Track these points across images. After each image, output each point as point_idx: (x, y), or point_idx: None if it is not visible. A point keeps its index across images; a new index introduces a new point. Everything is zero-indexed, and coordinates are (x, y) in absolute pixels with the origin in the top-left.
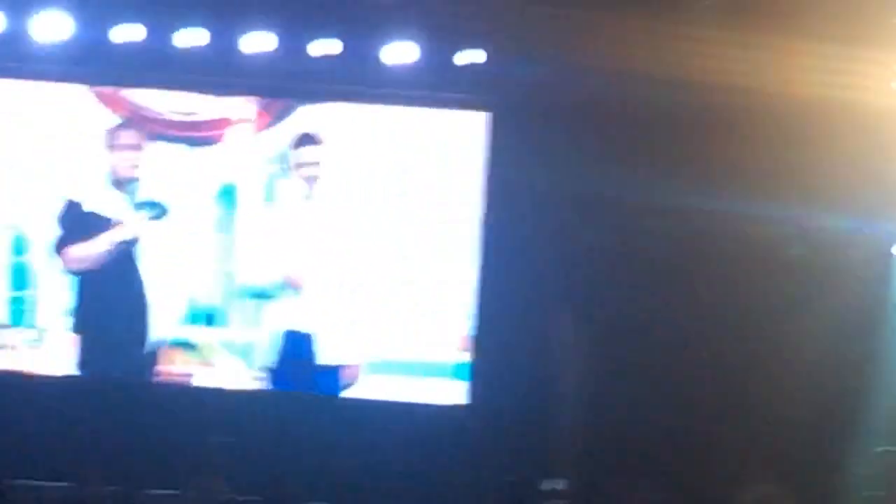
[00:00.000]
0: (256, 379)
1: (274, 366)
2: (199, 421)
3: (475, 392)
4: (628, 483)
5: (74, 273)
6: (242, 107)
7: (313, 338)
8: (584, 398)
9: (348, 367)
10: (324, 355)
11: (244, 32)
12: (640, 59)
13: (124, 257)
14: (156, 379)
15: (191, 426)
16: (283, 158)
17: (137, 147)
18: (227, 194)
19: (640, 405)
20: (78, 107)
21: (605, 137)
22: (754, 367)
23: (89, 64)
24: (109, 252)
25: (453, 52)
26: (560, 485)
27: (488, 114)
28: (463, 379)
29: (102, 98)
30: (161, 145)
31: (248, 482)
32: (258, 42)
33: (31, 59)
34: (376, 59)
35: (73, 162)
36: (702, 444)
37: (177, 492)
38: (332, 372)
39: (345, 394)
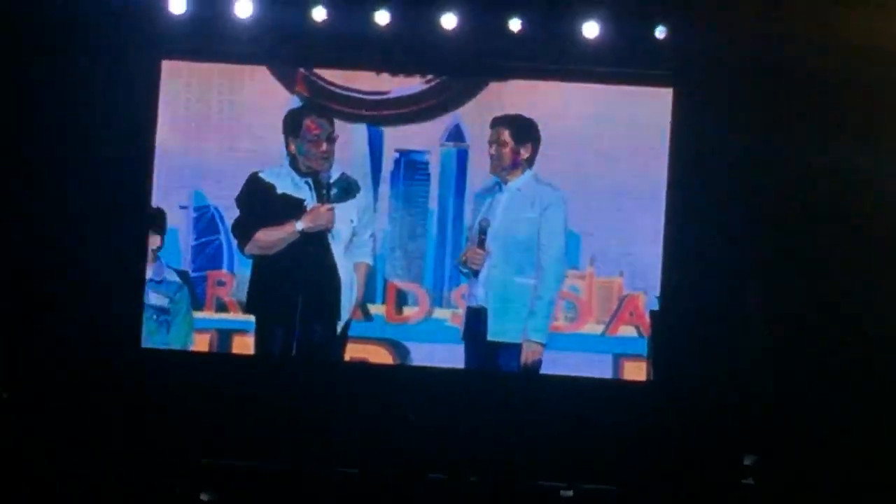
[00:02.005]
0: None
1: (462, 344)
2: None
3: (659, 368)
4: (816, 459)
5: (254, 257)
6: (428, 85)
7: (490, 315)
8: (772, 373)
9: (527, 346)
10: (500, 332)
11: (435, 10)
12: (824, 29)
13: (313, 240)
14: (345, 359)
15: (376, 405)
16: (467, 137)
17: (325, 137)
18: (414, 173)
19: (830, 380)
20: (259, 87)
21: (789, 108)
22: None
23: (277, 44)
24: (298, 240)
25: (638, 28)
26: (752, 460)
27: (673, 89)
28: (648, 355)
29: (284, 78)
30: (343, 125)
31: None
32: (448, 20)
33: (220, 40)
34: (562, 37)
35: (254, 143)
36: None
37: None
38: (512, 350)
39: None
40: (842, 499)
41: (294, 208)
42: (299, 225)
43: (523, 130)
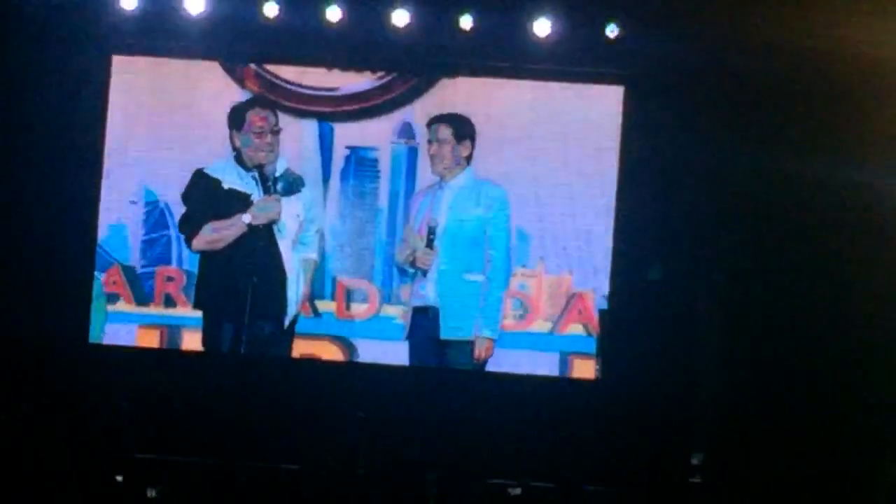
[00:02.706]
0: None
1: (408, 342)
2: (335, 396)
3: (606, 367)
4: (765, 457)
5: (201, 252)
6: (379, 81)
7: (441, 314)
8: (720, 373)
9: (479, 342)
10: (453, 331)
11: (386, 7)
12: (775, 32)
13: (260, 235)
14: (292, 355)
15: (325, 401)
16: (417, 134)
17: (269, 129)
18: (364, 170)
19: (778, 378)
20: (209, 82)
21: (740, 110)
22: None
23: (229, 40)
24: (244, 234)
25: (589, 26)
26: (700, 459)
27: (624, 88)
28: (594, 354)
29: (234, 74)
30: (292, 120)
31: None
32: (400, 17)
33: (170, 36)
34: (514, 35)
35: (203, 139)
36: (842, 419)
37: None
38: (464, 347)
39: (477, 369)
40: (789, 497)
41: (240, 202)
42: (246, 218)
43: (462, 128)
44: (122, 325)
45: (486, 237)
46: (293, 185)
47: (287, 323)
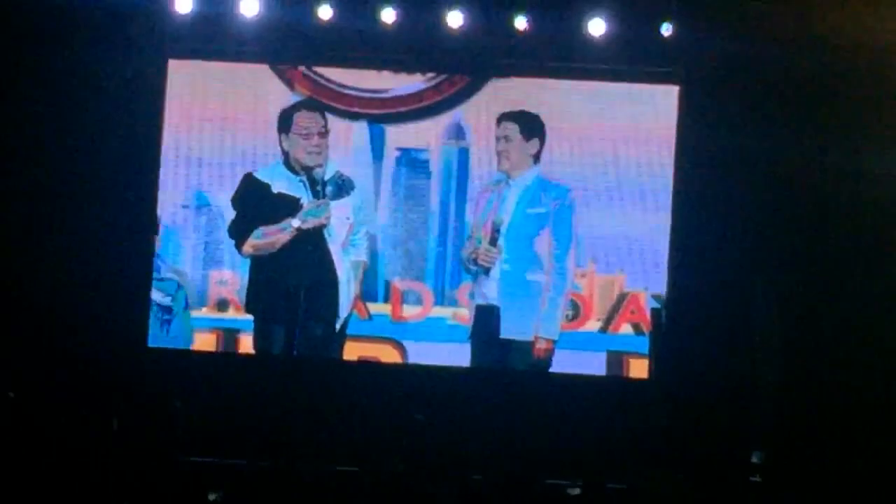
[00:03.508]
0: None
1: (470, 342)
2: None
3: (664, 365)
4: (826, 455)
5: (252, 257)
6: (430, 83)
7: (502, 313)
8: (780, 370)
9: (539, 343)
10: (513, 331)
11: (441, 8)
12: (832, 28)
13: (310, 238)
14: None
15: (382, 403)
16: (468, 135)
17: (316, 131)
18: (415, 171)
19: (839, 375)
20: (260, 85)
21: (796, 108)
22: None
23: (282, 43)
24: (294, 238)
25: (644, 25)
26: (760, 458)
27: (680, 87)
28: (649, 353)
29: (284, 77)
30: (342, 122)
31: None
32: (454, 18)
33: (225, 40)
34: (568, 35)
35: (254, 142)
36: None
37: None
38: (524, 347)
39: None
40: (849, 496)
41: (289, 206)
42: (295, 222)
43: (531, 126)
44: (178, 329)
45: (549, 236)
46: (343, 188)
47: (339, 325)
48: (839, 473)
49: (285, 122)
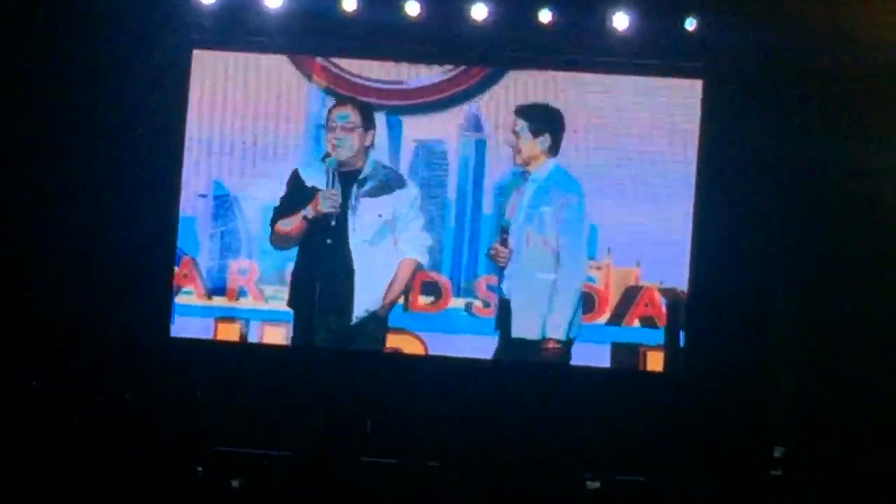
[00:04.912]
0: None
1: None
2: (413, 389)
3: (685, 360)
4: (848, 450)
5: (279, 249)
6: (448, 74)
7: (513, 312)
8: (802, 365)
9: (547, 343)
10: (523, 330)
11: (466, 1)
12: (856, 23)
13: (329, 230)
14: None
15: (403, 395)
16: (486, 127)
17: (340, 125)
18: (433, 163)
19: (860, 370)
20: (279, 76)
21: (820, 102)
22: None
23: (306, 35)
24: (309, 227)
25: (668, 19)
26: (782, 452)
27: (703, 81)
28: (664, 346)
29: (302, 68)
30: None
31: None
32: (479, 11)
33: (249, 30)
34: (592, 28)
35: (272, 132)
36: None
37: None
38: (533, 347)
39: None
40: (873, 490)
41: (311, 197)
42: (306, 212)
43: (544, 119)
44: (197, 319)
45: (559, 234)
46: (384, 184)
47: (354, 318)
48: (862, 467)
49: (327, 116)
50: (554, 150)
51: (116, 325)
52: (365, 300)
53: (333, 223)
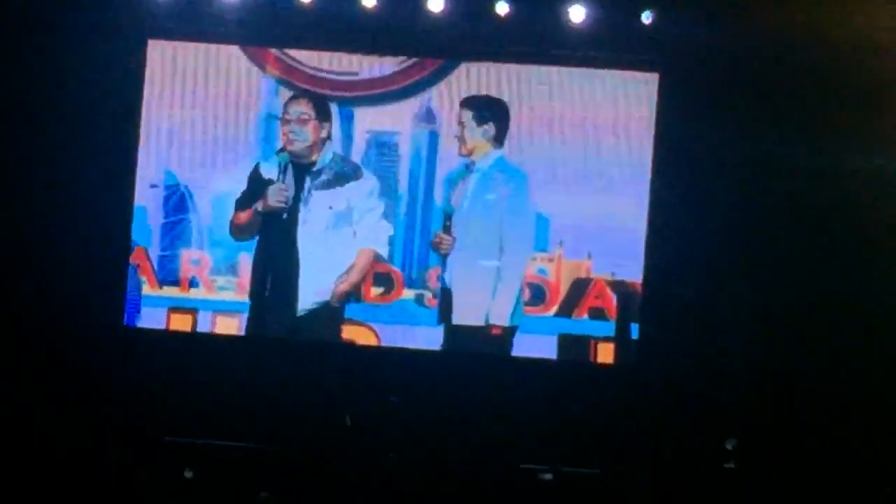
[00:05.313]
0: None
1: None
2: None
3: (637, 352)
4: (799, 442)
5: (238, 240)
6: (400, 66)
7: (454, 299)
8: (754, 357)
9: (490, 328)
10: (465, 316)
11: None
12: (812, 21)
13: (280, 223)
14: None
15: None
16: (438, 119)
17: (293, 118)
18: (385, 154)
19: (812, 363)
20: (232, 67)
21: (775, 98)
22: None
23: (261, 26)
24: (262, 220)
25: (624, 12)
26: (734, 444)
27: (659, 74)
28: (615, 338)
29: (255, 59)
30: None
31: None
32: (436, 3)
33: (205, 21)
34: (548, 21)
35: (223, 122)
36: (875, 405)
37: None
38: (477, 333)
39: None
40: (824, 481)
41: (264, 189)
42: (256, 205)
43: (488, 109)
44: (149, 308)
45: (502, 222)
46: (339, 175)
47: (301, 310)
48: (813, 459)
49: (284, 109)
50: (499, 140)
51: (70, 315)
52: (318, 291)
53: (285, 216)
